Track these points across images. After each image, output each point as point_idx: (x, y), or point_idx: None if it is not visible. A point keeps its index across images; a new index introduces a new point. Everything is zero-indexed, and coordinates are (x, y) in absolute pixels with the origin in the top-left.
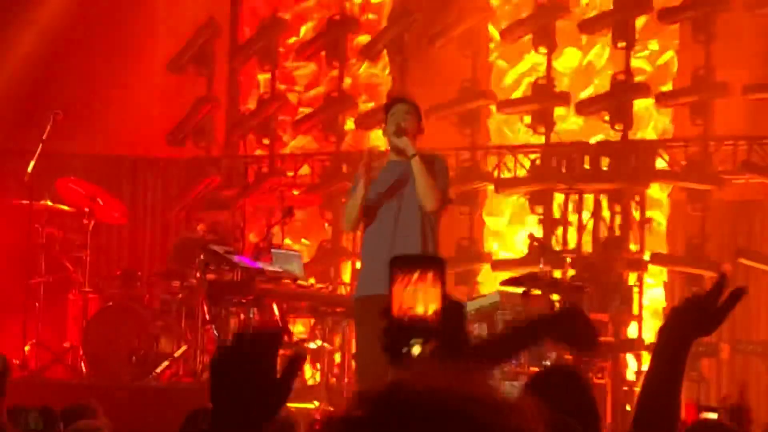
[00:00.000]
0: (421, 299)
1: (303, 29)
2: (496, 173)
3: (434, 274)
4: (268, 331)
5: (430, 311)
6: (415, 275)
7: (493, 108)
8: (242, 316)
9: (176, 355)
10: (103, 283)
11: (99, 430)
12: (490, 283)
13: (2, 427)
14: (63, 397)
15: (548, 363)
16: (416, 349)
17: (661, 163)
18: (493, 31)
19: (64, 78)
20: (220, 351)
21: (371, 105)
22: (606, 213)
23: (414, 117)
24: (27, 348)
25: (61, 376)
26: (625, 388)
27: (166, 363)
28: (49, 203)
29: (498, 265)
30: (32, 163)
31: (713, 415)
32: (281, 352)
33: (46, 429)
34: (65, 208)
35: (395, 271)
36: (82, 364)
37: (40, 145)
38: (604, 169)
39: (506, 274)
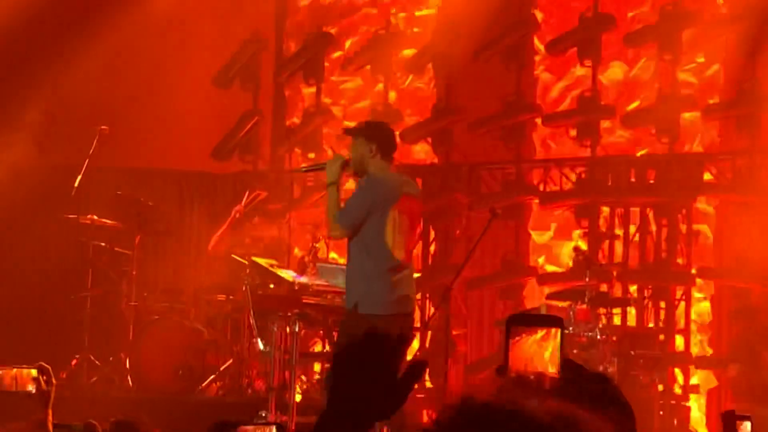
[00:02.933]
0: (540, 357)
1: (348, 43)
2: (541, 187)
3: (555, 334)
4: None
5: (550, 370)
6: (538, 333)
7: (539, 121)
8: (288, 329)
9: (222, 368)
10: (149, 296)
11: None
12: (535, 296)
13: None
14: (109, 411)
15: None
16: None
17: (707, 176)
18: (539, 45)
19: (112, 93)
20: None
21: (416, 119)
22: (653, 226)
23: (357, 148)
24: (74, 362)
25: (108, 389)
26: (673, 402)
27: (212, 377)
28: (96, 217)
29: (544, 278)
30: (79, 178)
31: None
32: None
33: None
34: (112, 222)
35: (514, 326)
36: (129, 378)
37: (87, 160)
38: (651, 182)
39: (552, 288)
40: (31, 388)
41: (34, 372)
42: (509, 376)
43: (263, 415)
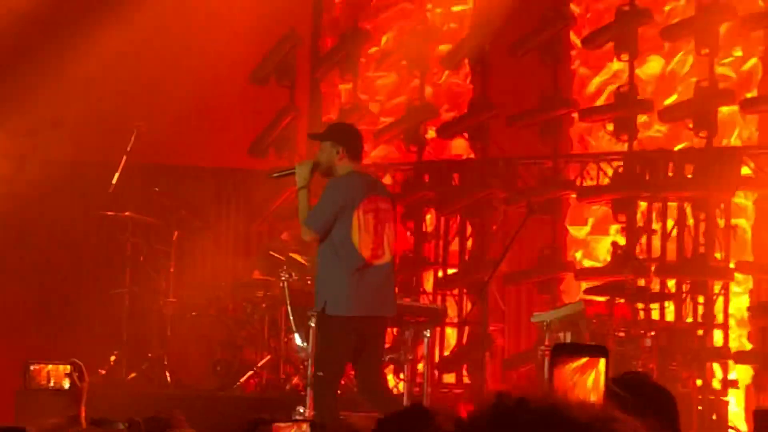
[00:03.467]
0: (584, 386)
1: (384, 39)
2: (578, 182)
3: (599, 362)
4: None
5: (592, 398)
6: (582, 361)
7: (576, 116)
8: None
9: (260, 364)
10: (187, 293)
11: None
12: (573, 291)
13: None
14: (147, 407)
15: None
16: None
17: (746, 170)
18: (575, 39)
19: (148, 90)
20: None
21: (453, 114)
22: (690, 221)
23: (325, 151)
24: (112, 358)
25: (146, 386)
26: (711, 397)
27: (250, 372)
28: (134, 214)
29: (581, 273)
30: (117, 175)
31: None
32: None
33: None
34: (150, 219)
35: (560, 354)
36: (167, 374)
37: (125, 157)
38: (689, 176)
39: (590, 283)
40: (65, 384)
41: (67, 368)
42: None
43: (301, 411)
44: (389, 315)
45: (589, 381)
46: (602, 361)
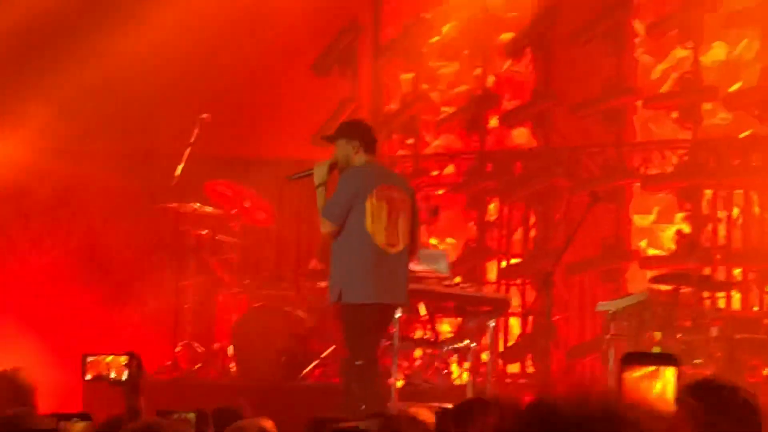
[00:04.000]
0: (654, 394)
1: (445, 28)
2: (642, 170)
3: (668, 371)
4: None
5: (660, 407)
6: (650, 369)
7: (639, 104)
8: None
9: (324, 354)
10: (251, 284)
11: (263, 430)
12: (638, 280)
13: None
14: (212, 397)
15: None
16: None
17: None
18: (639, 27)
19: (211, 81)
20: None
21: (515, 103)
22: (756, 209)
23: (341, 148)
24: (178, 349)
25: (211, 376)
26: None
27: (314, 362)
28: (198, 206)
29: (646, 262)
30: (180, 166)
31: None
32: None
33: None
34: (213, 210)
35: (628, 362)
36: (231, 365)
37: (188, 149)
38: (754, 164)
39: (655, 272)
40: (123, 375)
41: (125, 359)
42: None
43: None
44: (400, 304)
45: (656, 388)
46: (671, 370)
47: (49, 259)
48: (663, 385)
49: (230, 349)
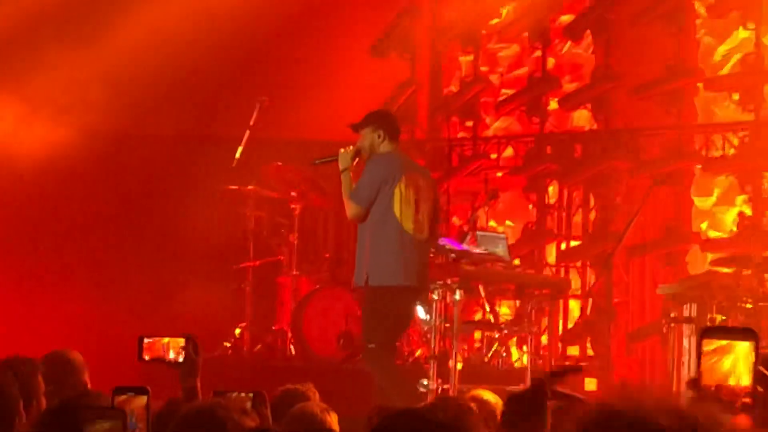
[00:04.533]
0: (734, 371)
1: (505, 10)
2: (703, 152)
3: (749, 347)
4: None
5: (743, 383)
6: (724, 343)
7: (701, 86)
8: (448, 298)
9: None
10: (311, 266)
11: (322, 412)
12: (699, 263)
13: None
14: (271, 379)
15: None
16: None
17: None
18: (700, 8)
19: (270, 64)
20: None
21: (575, 85)
22: None
23: (366, 137)
24: (237, 331)
25: (270, 358)
26: None
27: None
28: (257, 188)
29: (707, 245)
30: (240, 149)
31: None
32: None
33: (257, 412)
34: (273, 192)
35: (706, 338)
36: (291, 347)
37: (248, 131)
38: None
39: (716, 255)
40: (180, 356)
41: (181, 341)
42: (702, 390)
43: (425, 383)
44: (424, 289)
45: (738, 366)
46: (748, 345)
47: (110, 241)
48: (744, 360)
49: (289, 331)
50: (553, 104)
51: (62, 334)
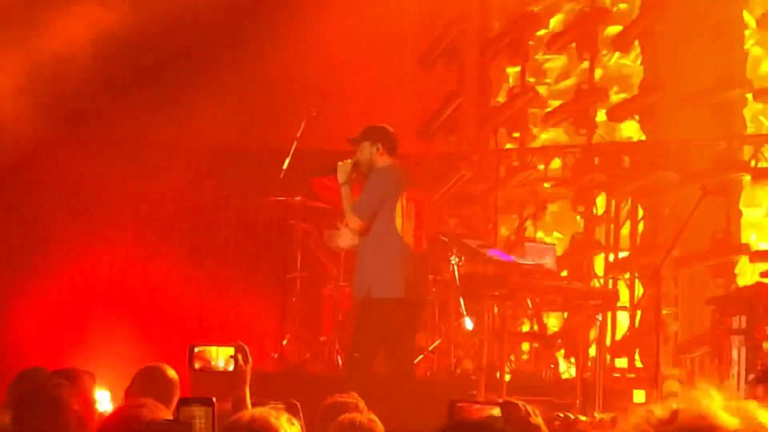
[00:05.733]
0: None
1: (553, 21)
2: (753, 163)
3: None
4: None
5: None
6: None
7: (750, 96)
8: (496, 309)
9: (430, 348)
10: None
11: (369, 423)
12: (748, 274)
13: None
14: (319, 389)
15: None
16: None
17: None
18: (749, 19)
19: (319, 75)
20: None
21: (623, 96)
22: None
23: (364, 151)
24: (285, 342)
25: (318, 369)
26: None
27: (420, 356)
28: (304, 199)
29: (756, 256)
30: (287, 161)
31: None
32: None
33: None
34: (320, 204)
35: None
36: (338, 358)
37: (295, 143)
38: None
39: (765, 266)
40: (230, 365)
41: (231, 350)
42: None
43: (474, 395)
44: (424, 302)
45: None
46: None
47: (160, 251)
48: None
49: (336, 342)
50: (601, 115)
51: (113, 343)
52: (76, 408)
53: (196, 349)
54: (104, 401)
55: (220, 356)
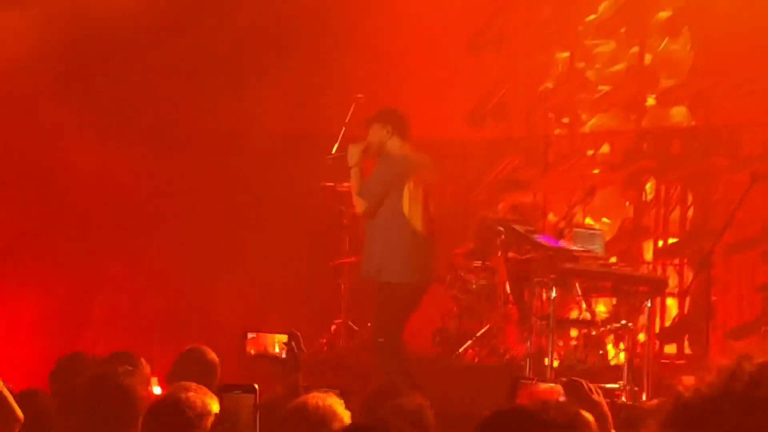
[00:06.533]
0: None
1: (602, 6)
2: None
3: None
4: None
5: None
6: None
7: None
8: (544, 295)
9: (479, 334)
10: None
11: (418, 408)
12: None
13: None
14: (368, 375)
15: None
16: None
17: None
18: None
19: (366, 61)
20: None
21: (673, 81)
22: None
23: (375, 133)
24: (333, 327)
25: (367, 355)
26: None
27: (468, 342)
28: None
29: None
30: (336, 146)
31: None
32: None
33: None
34: None
35: None
36: None
37: (344, 128)
38: None
39: None
40: (283, 352)
41: (284, 337)
42: None
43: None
44: (430, 284)
45: None
46: None
47: (209, 237)
48: None
49: None
50: (651, 100)
51: (161, 329)
52: (143, 395)
53: (250, 335)
54: (155, 387)
55: (274, 343)
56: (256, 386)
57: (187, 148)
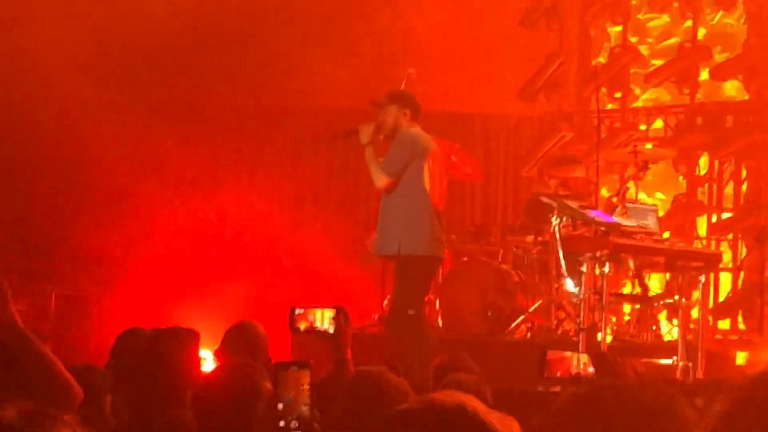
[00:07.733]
0: None
1: None
2: None
3: None
4: None
5: None
6: None
7: None
8: (597, 270)
9: (531, 309)
10: (458, 238)
11: (476, 384)
12: None
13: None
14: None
15: None
16: None
17: None
18: None
19: (418, 36)
20: None
21: (726, 55)
22: None
23: (390, 113)
24: (385, 303)
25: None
26: None
27: (521, 317)
28: None
29: None
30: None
31: None
32: None
33: None
34: None
35: None
36: (439, 319)
37: None
38: None
39: None
40: (330, 327)
41: (332, 312)
42: None
43: None
44: (443, 258)
45: None
46: None
47: (265, 215)
48: None
49: (437, 304)
50: (704, 75)
51: (216, 305)
52: (193, 370)
53: (297, 311)
54: (208, 360)
55: (322, 318)
56: (311, 361)
57: (243, 126)
